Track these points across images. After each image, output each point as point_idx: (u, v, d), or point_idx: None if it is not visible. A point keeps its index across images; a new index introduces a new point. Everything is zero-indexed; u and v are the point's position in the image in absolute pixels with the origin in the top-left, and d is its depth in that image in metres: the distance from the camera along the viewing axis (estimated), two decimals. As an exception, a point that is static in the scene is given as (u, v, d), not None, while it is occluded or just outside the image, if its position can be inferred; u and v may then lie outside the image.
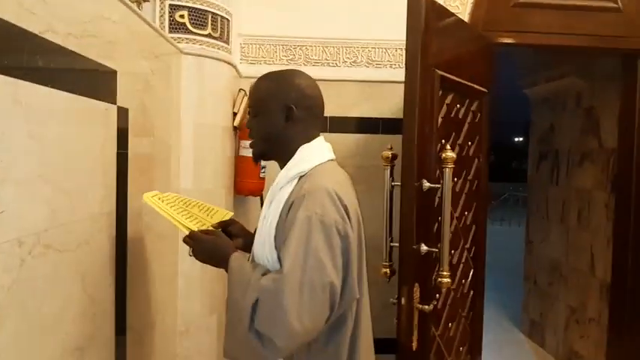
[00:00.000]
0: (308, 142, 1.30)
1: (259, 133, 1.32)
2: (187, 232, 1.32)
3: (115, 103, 1.34)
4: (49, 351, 1.03)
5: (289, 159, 1.28)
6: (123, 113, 1.39)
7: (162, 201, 1.39)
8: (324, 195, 1.16)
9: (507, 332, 4.53)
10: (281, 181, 1.27)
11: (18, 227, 0.89)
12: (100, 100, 1.23)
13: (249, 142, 2.29)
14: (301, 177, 1.24)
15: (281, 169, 1.32)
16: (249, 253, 1.33)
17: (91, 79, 1.18)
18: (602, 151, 3.43)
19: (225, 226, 1.45)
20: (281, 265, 1.15)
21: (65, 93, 1.05)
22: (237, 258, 1.24)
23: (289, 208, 1.18)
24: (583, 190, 3.65)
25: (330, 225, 1.14)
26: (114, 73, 1.32)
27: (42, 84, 0.96)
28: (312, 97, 1.32)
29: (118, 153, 1.36)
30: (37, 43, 0.95)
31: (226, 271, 1.24)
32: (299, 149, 1.28)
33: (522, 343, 4.29)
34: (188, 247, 1.32)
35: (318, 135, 1.34)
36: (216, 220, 1.47)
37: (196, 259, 1.32)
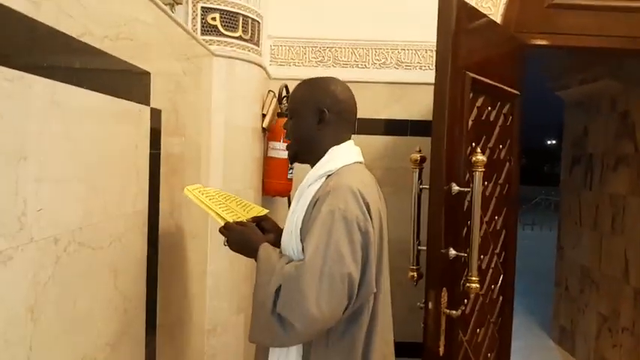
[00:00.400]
0: (338, 144, 1.37)
1: (294, 134, 1.41)
2: (222, 223, 1.41)
3: (149, 105, 1.36)
4: (80, 346, 1.05)
5: (319, 159, 1.36)
6: (156, 114, 1.42)
7: (203, 194, 1.47)
8: (348, 192, 1.23)
9: (537, 339, 4.44)
10: (309, 179, 1.34)
11: (54, 225, 0.92)
12: (133, 101, 1.25)
13: (279, 143, 2.36)
14: (328, 176, 1.31)
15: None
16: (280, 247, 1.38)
17: (125, 81, 1.21)
18: (637, 155, 3.33)
19: (258, 221, 1.52)
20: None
21: (101, 94, 1.07)
22: (265, 248, 1.32)
23: (315, 203, 1.25)
24: (617, 196, 3.55)
25: (352, 220, 1.20)
26: (147, 74, 1.35)
27: (79, 86, 0.99)
28: (344, 101, 1.38)
29: (150, 153, 1.38)
30: (75, 46, 0.97)
31: (255, 260, 1.32)
32: (329, 150, 1.36)
33: (552, 350, 4.20)
34: (223, 238, 1.41)
35: (349, 138, 1.41)
36: (251, 215, 1.54)
37: (230, 248, 1.41)
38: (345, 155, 1.36)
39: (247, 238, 1.37)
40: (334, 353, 1.26)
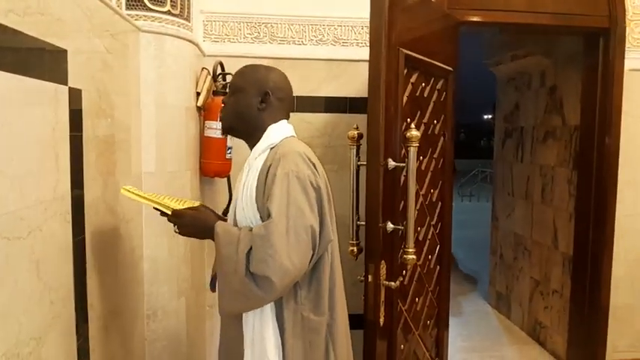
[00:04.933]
0: (275, 123, 1.50)
1: (234, 109, 1.50)
2: (169, 212, 1.44)
3: (67, 84, 1.28)
4: (0, 342, 1.00)
5: (257, 137, 1.47)
6: (75, 94, 1.34)
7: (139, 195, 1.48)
8: (297, 156, 1.38)
9: (476, 305, 4.65)
10: (255, 152, 1.46)
11: (-40, 216, 0.85)
12: (48, 80, 1.17)
13: (215, 122, 2.30)
14: (272, 148, 1.44)
15: (248, 145, 1.52)
16: None
17: (37, 59, 1.13)
18: (565, 128, 3.50)
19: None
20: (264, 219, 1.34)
21: (7, 74, 0.99)
22: (221, 224, 1.40)
23: (267, 170, 1.37)
24: (547, 167, 3.74)
25: (304, 178, 1.35)
26: (63, 52, 1.26)
27: (-20, 65, 0.91)
28: (284, 89, 1.54)
29: (71, 135, 1.31)
30: (-26, 21, 0.89)
31: (212, 239, 1.38)
32: (268, 128, 1.48)
33: (490, 315, 4.42)
34: (172, 226, 1.45)
35: (283, 119, 1.54)
36: (187, 207, 1.52)
37: (181, 234, 1.46)
38: (283, 130, 1.49)
39: (198, 220, 1.43)
40: (304, 305, 1.40)
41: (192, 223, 1.43)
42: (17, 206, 1.04)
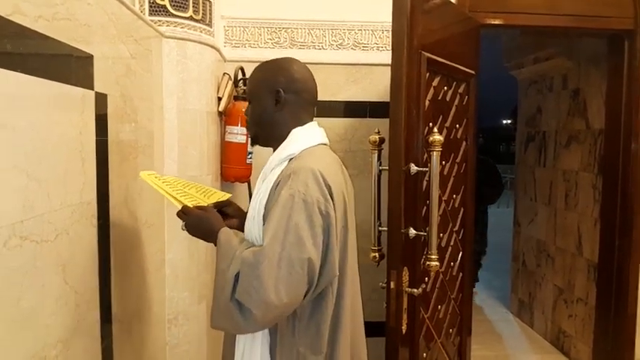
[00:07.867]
0: (300, 125, 1.35)
1: (253, 118, 1.39)
2: (180, 207, 1.38)
3: (93, 89, 1.29)
4: (29, 345, 1.00)
5: (281, 142, 1.33)
6: (101, 99, 1.35)
7: (160, 180, 1.44)
8: (309, 174, 1.20)
9: (497, 313, 4.58)
10: (272, 163, 1.33)
11: (-10, 219, 0.86)
12: (75, 85, 1.18)
13: (236, 127, 2.30)
14: (291, 159, 1.29)
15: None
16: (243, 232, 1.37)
17: (65, 64, 1.14)
18: (589, 132, 3.43)
19: (221, 207, 1.50)
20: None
21: (37, 79, 1.00)
22: (225, 232, 1.29)
23: (276, 187, 1.23)
24: (570, 172, 3.67)
25: (312, 203, 1.18)
26: (90, 57, 1.27)
27: (11, 69, 0.92)
28: (301, 80, 1.36)
29: (97, 140, 1.32)
30: (4, 26, 0.90)
31: (215, 244, 1.29)
32: (291, 133, 1.33)
33: (512, 324, 4.35)
34: (180, 223, 1.38)
35: (311, 119, 1.39)
36: (212, 201, 1.51)
37: (188, 232, 1.38)
38: (307, 137, 1.33)
39: (204, 222, 1.34)
40: (301, 340, 1.24)
41: (197, 224, 1.35)
42: (45, 209, 1.05)
